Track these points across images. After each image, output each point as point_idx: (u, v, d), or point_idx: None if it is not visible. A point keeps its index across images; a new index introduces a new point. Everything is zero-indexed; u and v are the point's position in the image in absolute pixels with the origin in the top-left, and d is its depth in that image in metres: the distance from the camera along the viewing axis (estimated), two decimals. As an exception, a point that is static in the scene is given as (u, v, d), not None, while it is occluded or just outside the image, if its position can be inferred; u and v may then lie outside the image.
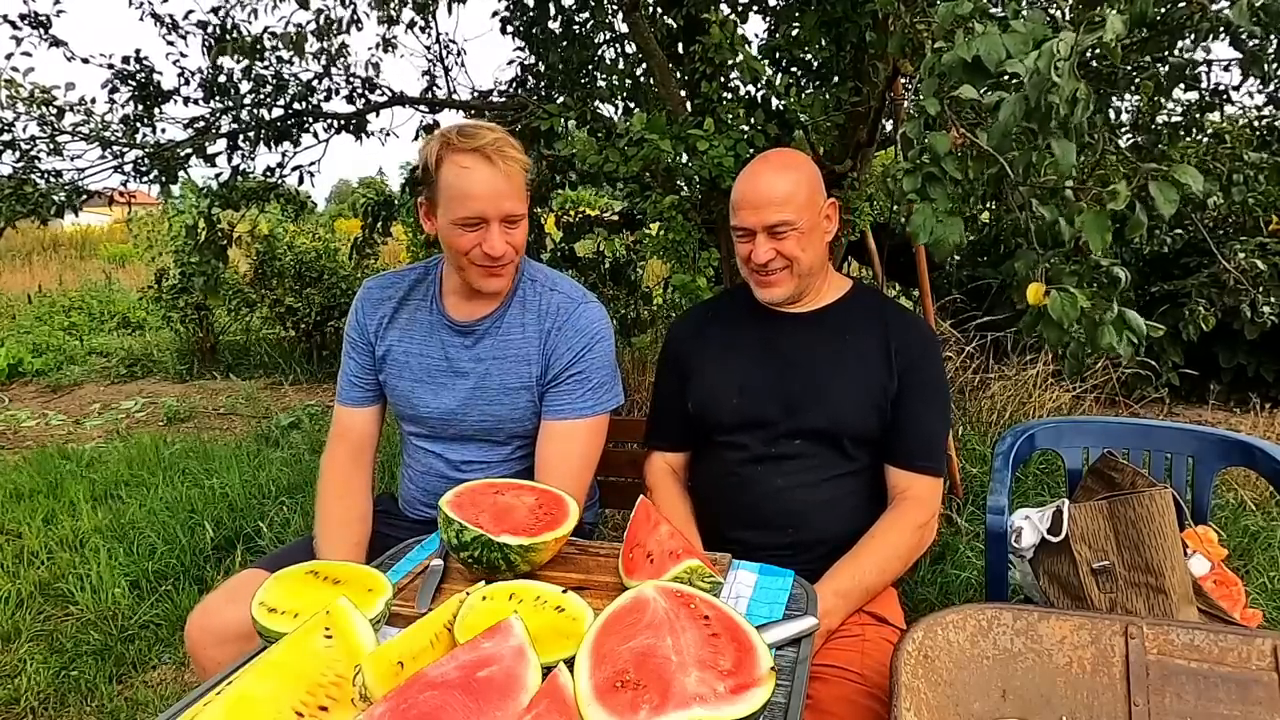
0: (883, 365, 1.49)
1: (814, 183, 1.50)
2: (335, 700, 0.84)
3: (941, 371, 1.56)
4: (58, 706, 2.19)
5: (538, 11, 3.94)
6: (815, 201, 1.48)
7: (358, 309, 1.61)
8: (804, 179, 1.48)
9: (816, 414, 1.47)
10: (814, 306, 1.57)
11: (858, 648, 1.31)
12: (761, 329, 1.57)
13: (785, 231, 1.45)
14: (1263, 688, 0.95)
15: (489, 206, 1.37)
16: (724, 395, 1.54)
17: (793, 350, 1.53)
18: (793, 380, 1.51)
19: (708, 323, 1.65)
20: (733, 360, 1.57)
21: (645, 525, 1.21)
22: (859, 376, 1.49)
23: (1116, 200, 1.29)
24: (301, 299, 6.23)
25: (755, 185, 1.47)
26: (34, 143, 3.77)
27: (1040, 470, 3.33)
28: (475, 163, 1.36)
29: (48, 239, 16.25)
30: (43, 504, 3.43)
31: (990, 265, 4.91)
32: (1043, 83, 1.19)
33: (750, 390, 1.52)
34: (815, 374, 1.50)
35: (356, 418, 1.61)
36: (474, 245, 1.40)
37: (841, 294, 1.58)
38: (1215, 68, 2.89)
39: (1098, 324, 1.39)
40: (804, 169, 1.50)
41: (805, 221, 1.46)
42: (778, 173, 1.47)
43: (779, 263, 1.48)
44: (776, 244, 1.46)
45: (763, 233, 1.46)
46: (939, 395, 1.53)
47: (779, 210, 1.44)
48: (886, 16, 2.36)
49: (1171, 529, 1.40)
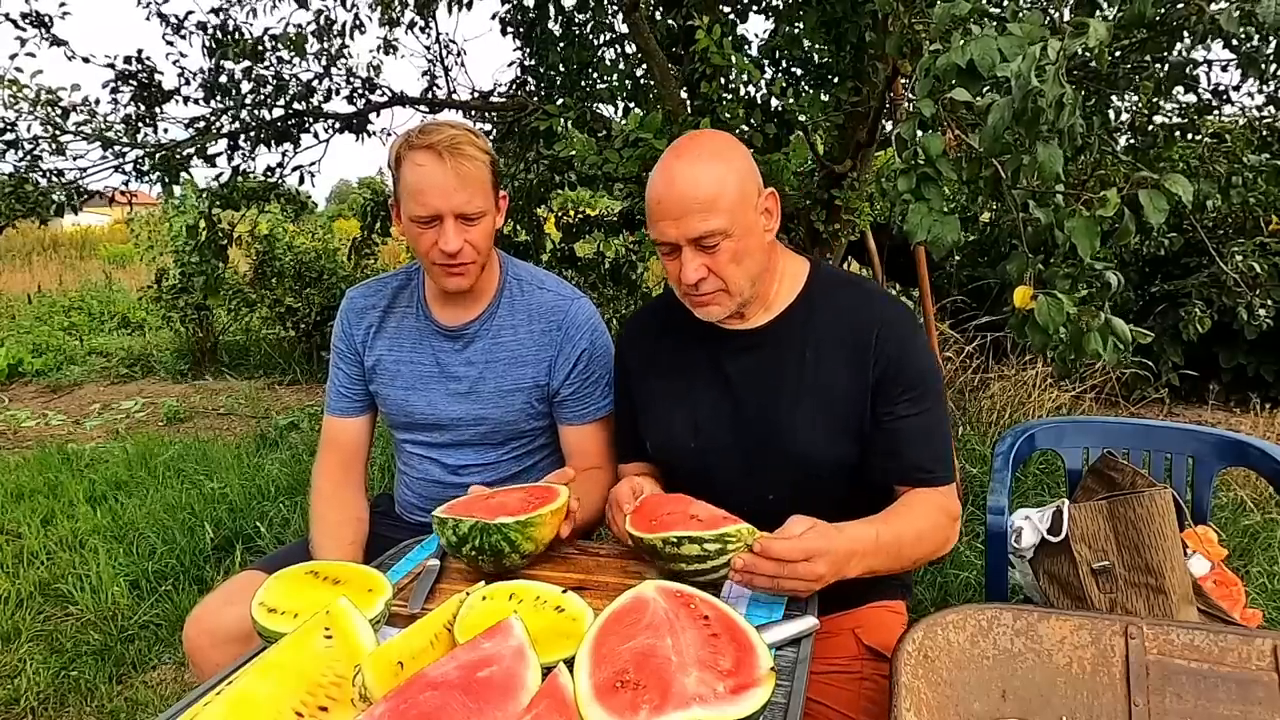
0: (854, 377, 1.27)
1: (744, 173, 1.23)
2: (335, 700, 0.84)
3: (929, 361, 1.31)
4: (58, 706, 2.19)
5: (538, 12, 3.95)
6: (747, 197, 1.22)
7: (343, 319, 1.59)
8: (731, 171, 1.21)
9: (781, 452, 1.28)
10: (765, 319, 1.33)
11: (853, 686, 1.21)
12: (710, 350, 1.35)
13: (716, 242, 1.20)
14: (1263, 688, 0.95)
15: (441, 203, 1.35)
16: (680, 435, 1.35)
17: (746, 376, 1.32)
18: (750, 416, 1.30)
19: (655, 339, 1.43)
20: (684, 391, 1.36)
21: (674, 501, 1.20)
22: (826, 396, 1.27)
23: (1106, 208, 1.30)
24: (301, 299, 6.23)
25: (671, 187, 1.20)
26: (37, 142, 3.77)
27: (1040, 470, 3.33)
28: (428, 160, 1.35)
29: (48, 239, 16.25)
30: (43, 504, 3.43)
31: (990, 265, 4.91)
32: (1027, 87, 1.19)
33: (706, 430, 1.33)
34: (774, 405, 1.29)
35: (348, 428, 1.60)
36: (432, 244, 1.39)
37: (798, 291, 1.33)
38: (1215, 68, 2.89)
39: (1084, 330, 1.39)
40: (729, 157, 1.23)
41: (739, 225, 1.20)
42: (698, 167, 1.20)
43: (712, 283, 1.23)
44: (707, 259, 1.21)
45: (689, 246, 1.21)
46: (929, 390, 1.28)
47: (704, 218, 1.18)
48: (886, 16, 2.36)
49: (1171, 529, 1.40)
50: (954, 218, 1.42)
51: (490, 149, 1.43)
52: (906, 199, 1.44)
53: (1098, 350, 1.38)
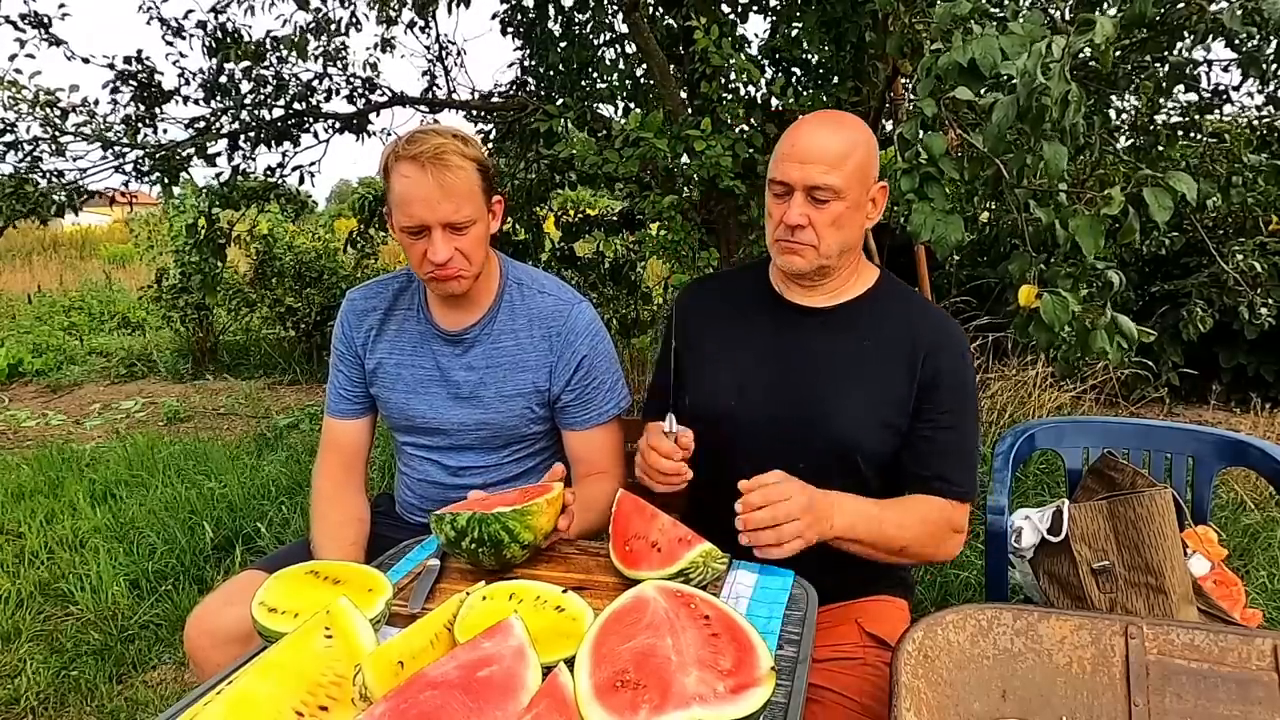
0: (905, 377, 1.31)
1: (870, 155, 1.31)
2: (335, 700, 0.84)
3: (973, 383, 1.37)
4: (58, 706, 2.19)
5: (537, 12, 3.95)
6: (866, 174, 1.30)
7: (343, 321, 1.59)
8: (862, 145, 1.29)
9: (823, 432, 1.31)
10: (835, 301, 1.38)
11: (856, 671, 1.24)
12: (770, 320, 1.40)
13: (827, 198, 1.27)
14: (1263, 688, 0.95)
15: (427, 214, 1.35)
16: (723, 394, 1.38)
17: (801, 351, 1.36)
18: (798, 388, 1.34)
19: (718, 303, 1.48)
20: (736, 353, 1.41)
21: (640, 516, 1.20)
22: (875, 389, 1.31)
23: (1111, 206, 1.29)
24: (301, 299, 6.23)
25: (807, 137, 1.28)
26: (37, 143, 3.78)
27: (1040, 470, 3.33)
28: (412, 171, 1.34)
29: (48, 239, 16.25)
30: (43, 504, 3.43)
31: (990, 265, 4.91)
32: (1032, 85, 1.19)
33: (749, 393, 1.37)
34: (824, 383, 1.33)
35: (348, 430, 1.60)
36: (422, 254, 1.39)
37: (867, 288, 1.40)
38: (1215, 68, 2.89)
39: (1089, 328, 1.39)
40: (864, 135, 1.31)
41: (850, 194, 1.28)
42: (835, 130, 1.29)
43: (809, 235, 1.29)
44: (813, 210, 1.28)
45: (801, 192, 1.27)
46: (968, 411, 1.34)
47: (826, 171, 1.25)
48: (886, 16, 2.36)
49: (1171, 529, 1.40)
50: (957, 217, 1.42)
51: (481, 154, 1.42)
52: (910, 199, 1.44)
53: (1104, 348, 1.38)
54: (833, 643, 1.30)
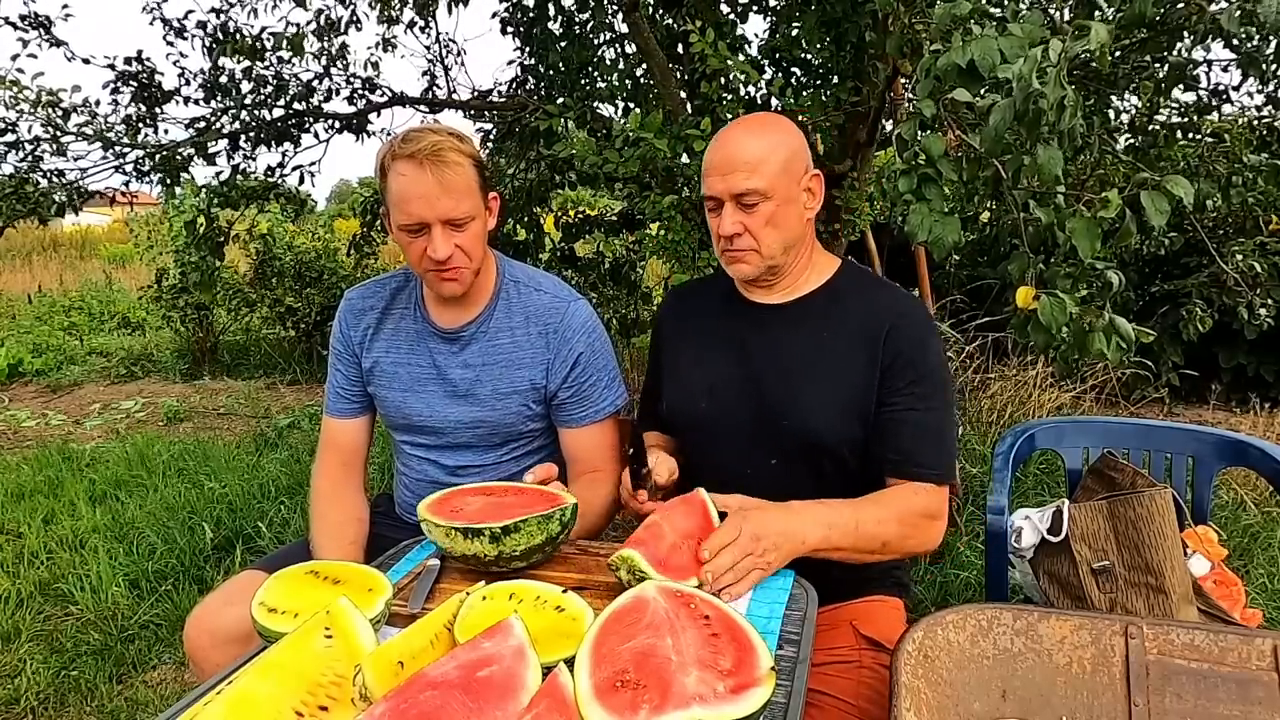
0: (867, 362, 1.31)
1: (793, 149, 1.32)
2: (335, 700, 0.84)
3: (940, 361, 1.35)
4: (58, 706, 2.19)
5: (537, 12, 3.95)
6: (792, 170, 1.31)
7: (341, 320, 1.59)
8: (781, 143, 1.31)
9: (789, 426, 1.33)
10: (793, 295, 1.40)
11: (853, 675, 1.23)
12: (736, 321, 1.43)
13: (755, 202, 1.29)
14: (1263, 688, 0.95)
15: (426, 211, 1.35)
16: (694, 397, 1.42)
17: (765, 350, 1.38)
18: (763, 385, 1.36)
19: (691, 308, 1.52)
20: (707, 356, 1.43)
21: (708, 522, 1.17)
22: (839, 379, 1.32)
23: (1108, 209, 1.30)
24: (301, 299, 6.23)
25: (724, 148, 1.31)
26: (38, 143, 3.78)
27: (1040, 470, 3.33)
28: (410, 169, 1.35)
29: (48, 239, 16.25)
30: (43, 504, 3.43)
31: (990, 265, 4.92)
32: (1028, 89, 1.19)
33: (719, 393, 1.39)
34: (787, 379, 1.34)
35: (347, 429, 1.60)
36: (422, 252, 1.39)
37: (826, 279, 1.41)
38: (1215, 68, 2.89)
39: (1087, 330, 1.39)
40: (782, 132, 1.33)
41: (779, 192, 1.29)
42: (751, 135, 1.31)
43: (746, 240, 1.32)
44: (745, 217, 1.30)
45: (730, 202, 1.30)
46: (936, 389, 1.32)
47: (747, 176, 1.28)
48: (886, 16, 2.36)
49: (1171, 529, 1.40)
50: (955, 218, 1.42)
51: (477, 151, 1.43)
52: (908, 199, 1.45)
53: (1102, 350, 1.38)
54: (828, 646, 1.29)
